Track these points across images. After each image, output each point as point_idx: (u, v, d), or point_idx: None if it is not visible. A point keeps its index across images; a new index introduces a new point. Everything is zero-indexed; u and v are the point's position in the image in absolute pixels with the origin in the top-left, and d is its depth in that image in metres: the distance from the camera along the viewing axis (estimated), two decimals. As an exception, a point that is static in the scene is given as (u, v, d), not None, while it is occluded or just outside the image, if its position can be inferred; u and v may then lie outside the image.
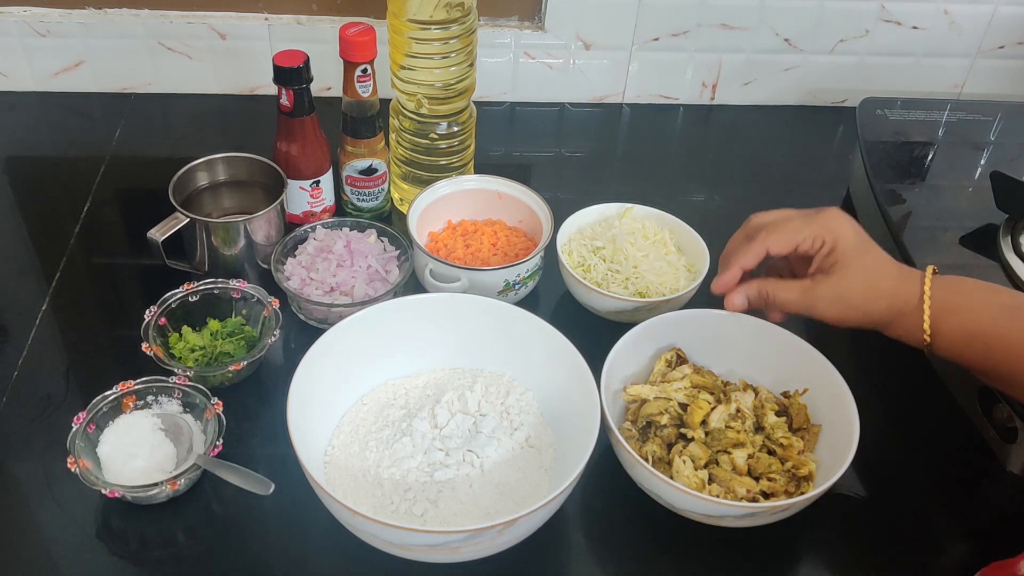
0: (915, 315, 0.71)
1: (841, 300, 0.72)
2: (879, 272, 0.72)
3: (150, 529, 0.73)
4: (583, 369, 0.75)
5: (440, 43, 0.91)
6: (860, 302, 0.72)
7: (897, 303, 0.72)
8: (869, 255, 0.73)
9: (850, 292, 0.72)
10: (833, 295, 0.72)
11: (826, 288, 0.73)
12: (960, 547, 0.77)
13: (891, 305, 0.72)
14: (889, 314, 0.72)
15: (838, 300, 0.72)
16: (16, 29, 1.12)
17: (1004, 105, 1.10)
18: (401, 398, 0.81)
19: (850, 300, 0.72)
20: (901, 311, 0.72)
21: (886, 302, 0.72)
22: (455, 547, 0.66)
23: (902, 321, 0.72)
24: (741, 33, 1.18)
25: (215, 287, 0.87)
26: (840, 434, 0.75)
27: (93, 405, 0.76)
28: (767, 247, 0.75)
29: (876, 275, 0.72)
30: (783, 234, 0.74)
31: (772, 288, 0.75)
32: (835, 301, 0.73)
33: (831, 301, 0.73)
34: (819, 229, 0.73)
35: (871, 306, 0.72)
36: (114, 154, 1.11)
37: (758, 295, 0.76)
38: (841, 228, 0.73)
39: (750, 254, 0.75)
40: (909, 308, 0.71)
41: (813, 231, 0.73)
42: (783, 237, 0.74)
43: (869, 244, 0.74)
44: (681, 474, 0.74)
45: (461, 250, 0.94)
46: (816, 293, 0.73)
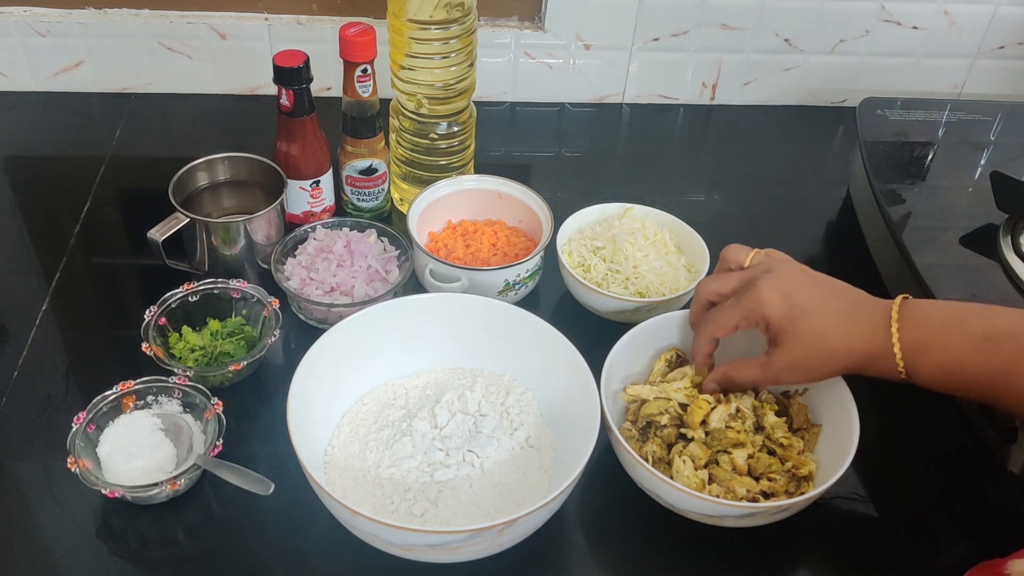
0: (885, 359, 0.70)
1: (798, 367, 0.72)
2: (822, 333, 0.71)
3: (150, 529, 0.73)
4: (583, 369, 0.75)
5: (440, 43, 0.91)
6: (817, 364, 0.72)
7: (858, 353, 0.70)
8: (803, 320, 0.71)
9: (803, 359, 0.72)
10: (788, 365, 0.72)
11: (780, 360, 0.72)
12: (960, 547, 0.77)
13: (853, 356, 0.71)
14: (857, 363, 0.71)
15: (795, 368, 0.72)
16: (16, 29, 1.12)
17: (1004, 105, 1.10)
18: (401, 398, 0.81)
19: (806, 366, 0.72)
20: (870, 357, 0.70)
21: (844, 357, 0.71)
22: (455, 547, 0.66)
23: (875, 366, 0.70)
24: (741, 33, 1.18)
25: (215, 287, 0.87)
26: (840, 434, 0.75)
27: (93, 405, 0.76)
28: (714, 337, 0.77)
29: (819, 337, 0.71)
30: (717, 325, 0.75)
31: (735, 372, 0.76)
32: (793, 370, 0.73)
33: (789, 371, 0.73)
34: (746, 311, 0.73)
35: (830, 365, 0.72)
36: (114, 154, 1.11)
37: (724, 379, 0.77)
38: (767, 304, 0.72)
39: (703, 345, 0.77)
40: (878, 352, 0.70)
41: (742, 314, 0.73)
42: (719, 327, 0.75)
43: (803, 307, 0.71)
44: (681, 474, 0.74)
45: (461, 250, 0.94)
46: (773, 368, 0.73)
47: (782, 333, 0.72)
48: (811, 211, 1.10)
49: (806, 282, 0.73)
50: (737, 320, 0.74)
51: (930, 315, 0.69)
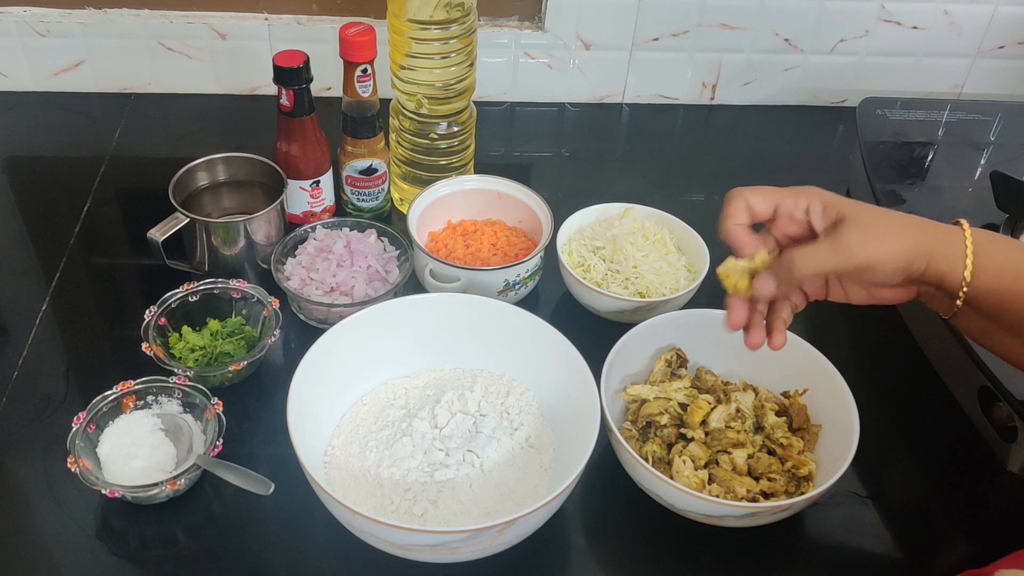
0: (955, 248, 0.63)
1: (873, 234, 0.63)
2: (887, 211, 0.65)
3: (150, 529, 0.73)
4: (583, 369, 0.75)
5: (440, 43, 0.91)
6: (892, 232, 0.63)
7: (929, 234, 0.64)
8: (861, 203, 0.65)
9: (876, 226, 0.63)
10: (862, 233, 0.63)
11: (852, 230, 0.63)
12: (960, 547, 0.77)
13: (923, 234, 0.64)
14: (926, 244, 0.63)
15: (870, 236, 0.63)
16: (16, 29, 1.12)
17: (1004, 105, 1.10)
18: (401, 398, 0.81)
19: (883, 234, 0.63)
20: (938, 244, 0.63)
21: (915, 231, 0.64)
22: (455, 547, 0.66)
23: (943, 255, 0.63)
24: (741, 33, 1.18)
25: (215, 287, 0.87)
26: (840, 434, 0.75)
27: (93, 405, 0.76)
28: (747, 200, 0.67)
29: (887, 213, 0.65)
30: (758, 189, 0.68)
31: (799, 260, 0.64)
32: (868, 238, 0.63)
33: (865, 238, 0.63)
34: (800, 193, 0.66)
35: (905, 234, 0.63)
36: (114, 154, 1.11)
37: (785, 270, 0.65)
38: (819, 191, 0.66)
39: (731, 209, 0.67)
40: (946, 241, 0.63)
41: (793, 193, 0.66)
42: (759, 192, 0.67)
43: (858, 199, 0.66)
44: (681, 474, 0.74)
45: (461, 250, 0.94)
46: (844, 236, 0.63)
47: (848, 208, 0.64)
48: (811, 211, 1.10)
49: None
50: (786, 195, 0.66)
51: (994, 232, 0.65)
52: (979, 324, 0.66)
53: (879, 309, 0.71)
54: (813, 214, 0.66)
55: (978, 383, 0.80)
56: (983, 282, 0.63)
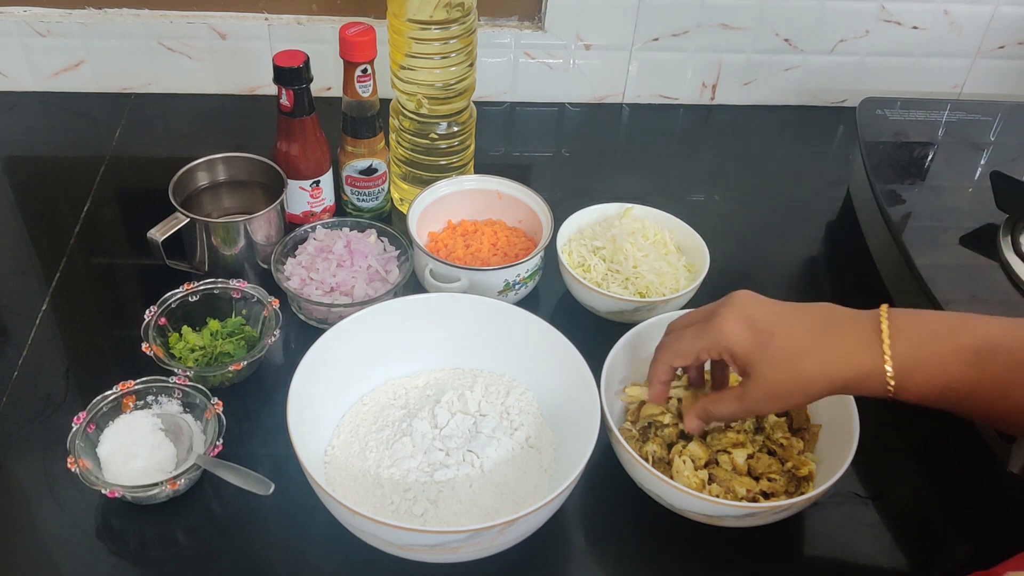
0: (873, 378, 0.65)
1: (776, 396, 0.67)
2: (795, 354, 0.66)
3: (150, 529, 0.73)
4: (583, 369, 0.75)
5: (440, 43, 0.91)
6: (795, 390, 0.67)
7: (839, 373, 0.65)
8: (771, 345, 0.66)
9: (779, 387, 0.67)
10: (764, 395, 0.67)
11: (755, 391, 0.68)
12: (960, 547, 0.77)
13: (833, 377, 0.66)
14: (840, 384, 0.66)
15: (772, 397, 0.67)
16: (16, 29, 1.12)
17: (1004, 105, 1.10)
18: (401, 398, 0.81)
19: (784, 393, 0.67)
20: (855, 376, 0.65)
21: (823, 379, 0.66)
22: (455, 547, 0.66)
23: (860, 385, 0.66)
24: (741, 33, 1.18)
25: (215, 287, 0.87)
26: (840, 434, 0.75)
27: (93, 405, 0.76)
28: (671, 364, 0.72)
29: (793, 359, 0.66)
30: (679, 352, 0.71)
31: (711, 406, 0.71)
32: (770, 399, 0.68)
33: (766, 400, 0.68)
34: (708, 341, 0.69)
35: (810, 388, 0.66)
36: (114, 154, 1.11)
37: (703, 414, 0.72)
38: (729, 333, 0.68)
39: (659, 370, 0.73)
40: (864, 371, 0.65)
41: (703, 344, 0.69)
42: (680, 355, 0.71)
43: (768, 331, 0.67)
44: (681, 474, 0.74)
45: (461, 250, 0.94)
46: (749, 399, 0.68)
47: (751, 363, 0.67)
48: (811, 211, 1.10)
49: (767, 305, 0.69)
50: (698, 350, 0.69)
51: (918, 328, 0.65)
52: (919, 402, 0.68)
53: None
54: (728, 362, 0.70)
55: (978, 383, 0.80)
56: (909, 396, 0.66)
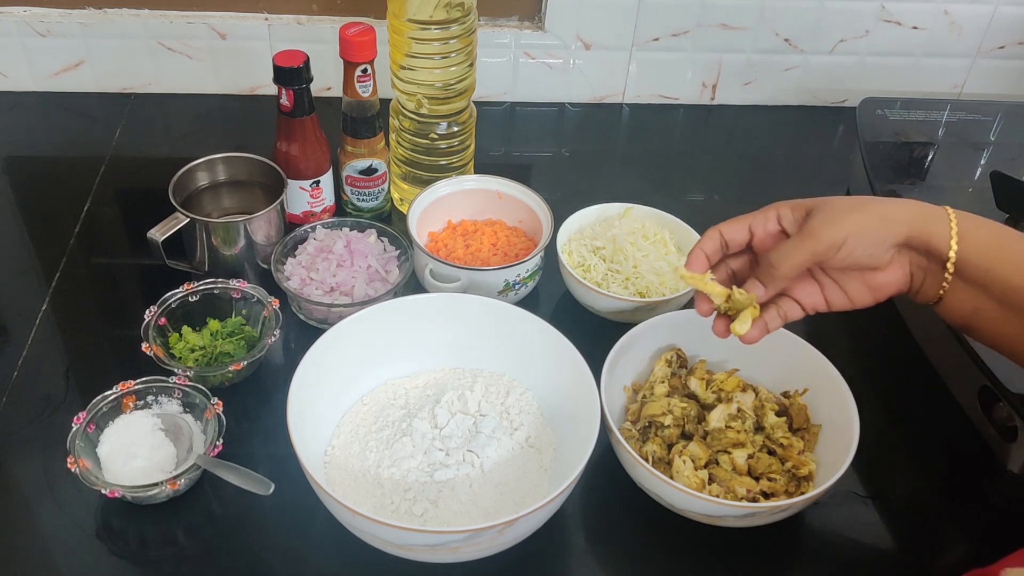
0: (938, 217, 0.63)
1: (839, 214, 0.64)
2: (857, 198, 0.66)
3: (150, 529, 0.73)
4: (583, 369, 0.75)
5: (440, 43, 0.91)
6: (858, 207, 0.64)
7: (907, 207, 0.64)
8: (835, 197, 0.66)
9: (839, 208, 0.64)
10: (827, 216, 0.64)
11: (815, 218, 0.64)
12: (960, 547, 0.77)
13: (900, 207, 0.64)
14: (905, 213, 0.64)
15: (836, 216, 0.64)
16: (16, 29, 1.12)
17: (1004, 105, 1.10)
18: (401, 398, 0.81)
19: (848, 209, 0.64)
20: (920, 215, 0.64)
21: (890, 204, 0.64)
22: (455, 547, 0.66)
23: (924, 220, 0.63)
24: (741, 33, 1.18)
25: (215, 287, 0.87)
26: (840, 434, 0.75)
27: (93, 405, 0.76)
28: (719, 231, 0.69)
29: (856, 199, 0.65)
30: (732, 220, 0.69)
31: (774, 255, 0.66)
32: (834, 219, 0.64)
33: (830, 220, 0.64)
34: (765, 209, 0.68)
35: (875, 205, 0.64)
36: (114, 154, 1.11)
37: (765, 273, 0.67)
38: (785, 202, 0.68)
39: (705, 239, 0.70)
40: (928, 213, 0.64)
41: (760, 212, 0.68)
42: (732, 221, 0.69)
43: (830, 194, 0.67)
44: (681, 474, 0.74)
45: (461, 250, 0.94)
46: (811, 225, 0.64)
47: (811, 202, 0.65)
48: (811, 211, 1.10)
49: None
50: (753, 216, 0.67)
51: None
52: (969, 302, 0.65)
53: (879, 309, 0.71)
54: (784, 220, 0.67)
55: (978, 383, 0.80)
56: (970, 248, 0.63)
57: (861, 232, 0.63)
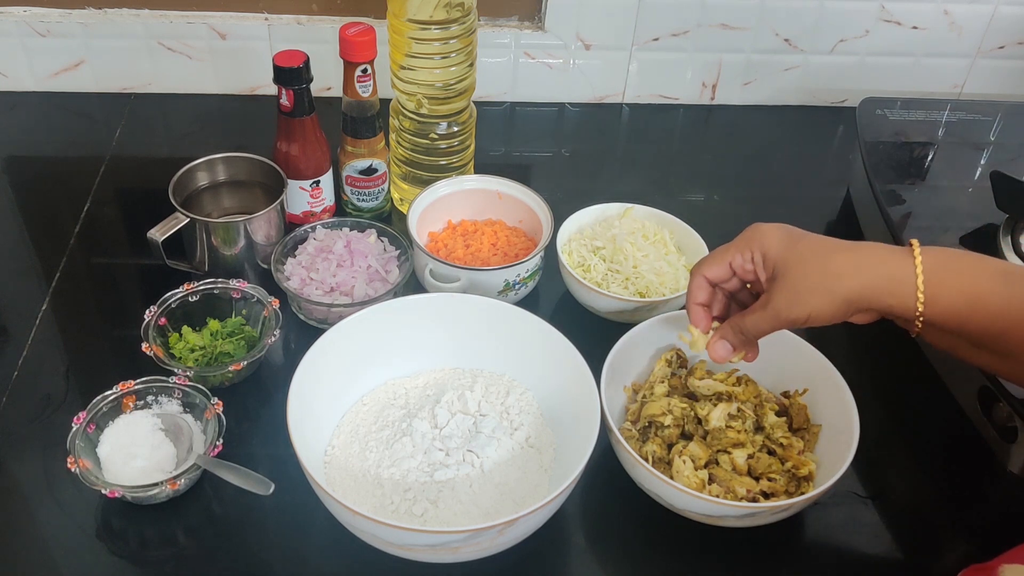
0: (903, 284, 0.64)
1: (800, 295, 0.66)
2: (824, 251, 0.66)
3: (150, 529, 0.73)
4: (583, 369, 0.75)
5: (440, 43, 0.91)
6: (822, 287, 0.65)
7: (870, 274, 0.65)
8: (802, 243, 0.67)
9: (804, 283, 0.65)
10: (790, 295, 0.66)
11: (780, 292, 0.67)
12: (960, 547, 0.77)
13: (863, 278, 0.65)
14: (869, 287, 0.65)
15: (797, 297, 0.66)
16: (16, 29, 1.12)
17: (1004, 105, 1.10)
18: (401, 398, 0.81)
19: (810, 290, 0.65)
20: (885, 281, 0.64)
21: (852, 277, 0.65)
22: (455, 547, 0.66)
23: (890, 293, 0.64)
24: (741, 33, 1.18)
25: (215, 287, 0.87)
26: (840, 434, 0.75)
27: (93, 405, 0.76)
28: (704, 276, 0.72)
29: (822, 255, 0.66)
30: (712, 259, 0.72)
31: (739, 319, 0.71)
32: (795, 300, 0.66)
33: (792, 301, 0.66)
34: (742, 244, 0.70)
35: (837, 285, 0.65)
36: (114, 154, 1.11)
37: (732, 333, 0.72)
38: (763, 234, 0.69)
39: (694, 290, 0.73)
40: (894, 276, 0.64)
41: (737, 248, 0.70)
42: (713, 262, 0.72)
43: (800, 234, 0.68)
44: (681, 474, 0.74)
45: (461, 250, 0.94)
46: (775, 302, 0.67)
47: (780, 262, 0.67)
48: (811, 211, 1.10)
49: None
50: (731, 253, 0.70)
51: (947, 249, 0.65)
52: (945, 341, 0.68)
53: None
54: (756, 265, 0.70)
55: (978, 383, 0.80)
56: (939, 309, 0.64)
57: (820, 314, 0.66)
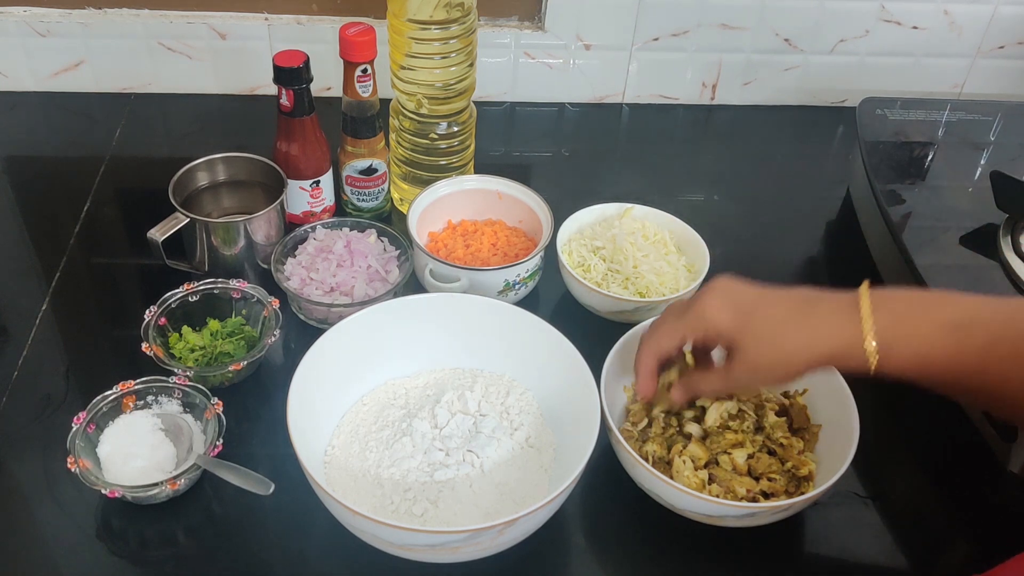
0: (853, 352, 0.65)
1: (758, 373, 0.68)
2: (776, 333, 0.67)
3: (150, 529, 0.73)
4: (583, 369, 0.75)
5: (440, 43, 0.91)
6: (777, 366, 0.67)
7: (821, 349, 0.66)
8: (753, 322, 0.67)
9: (761, 362, 0.67)
10: (748, 373, 0.68)
11: (738, 367, 0.68)
12: (960, 547, 0.77)
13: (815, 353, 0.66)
14: (822, 359, 0.67)
15: (754, 372, 0.68)
16: (16, 29, 1.12)
17: (1004, 105, 1.10)
18: (401, 398, 0.81)
19: (766, 369, 0.68)
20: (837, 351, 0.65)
21: (804, 355, 0.66)
22: (455, 547, 0.66)
23: (842, 360, 0.66)
24: (741, 33, 1.18)
25: (215, 287, 0.87)
26: (840, 434, 0.75)
27: (93, 405, 0.76)
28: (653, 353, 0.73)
29: (774, 338, 0.67)
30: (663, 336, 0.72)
31: (696, 382, 0.73)
32: (753, 376, 0.69)
33: (750, 378, 0.69)
34: (692, 323, 0.70)
35: (791, 366, 0.67)
36: (114, 154, 1.11)
37: (684, 393, 0.73)
38: (712, 313, 0.69)
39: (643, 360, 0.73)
40: (845, 345, 0.65)
41: (687, 326, 0.70)
42: (664, 338, 0.72)
43: (750, 304, 0.68)
44: (681, 474, 0.74)
45: (461, 250, 0.94)
46: (733, 375, 0.69)
47: (734, 340, 0.68)
48: (811, 211, 1.10)
49: (749, 286, 0.70)
50: (683, 332, 0.71)
51: (898, 303, 0.65)
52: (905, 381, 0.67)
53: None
54: (711, 342, 0.71)
55: (978, 383, 0.80)
56: (891, 367, 0.65)
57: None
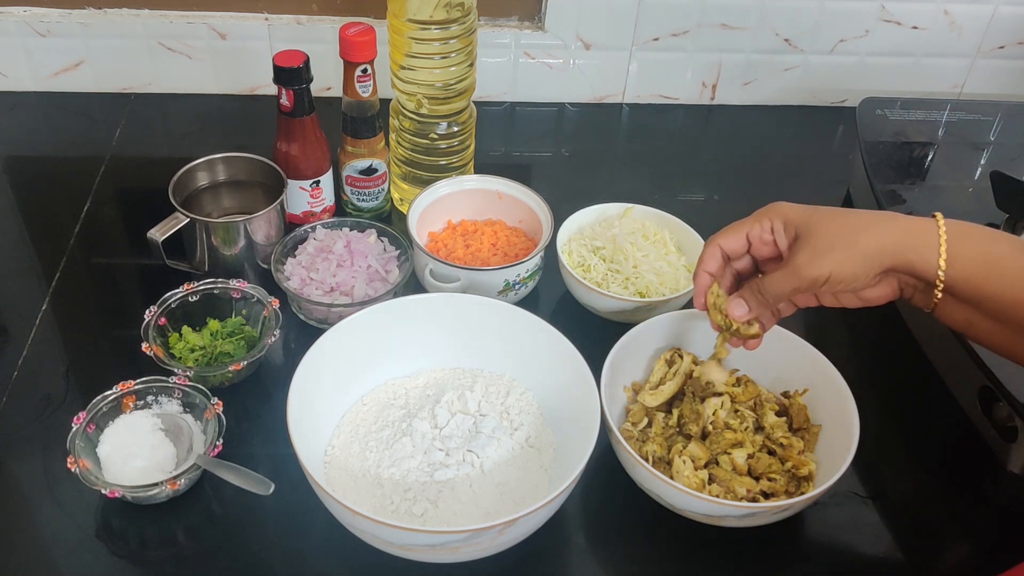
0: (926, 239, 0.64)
1: (821, 250, 0.66)
2: (847, 211, 0.67)
3: (150, 529, 0.73)
4: (583, 369, 0.75)
5: (440, 43, 0.91)
6: (844, 240, 0.66)
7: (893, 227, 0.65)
8: (823, 208, 0.68)
9: (825, 238, 0.66)
10: (811, 251, 0.66)
11: (802, 249, 0.67)
12: (960, 547, 0.77)
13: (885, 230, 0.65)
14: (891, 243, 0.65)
15: (818, 252, 0.66)
16: (16, 29, 1.12)
17: (1004, 105, 1.10)
18: (401, 398, 0.81)
19: (831, 245, 0.66)
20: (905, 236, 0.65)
21: (875, 229, 0.65)
22: (455, 547, 0.66)
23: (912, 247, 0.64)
24: (741, 33, 1.18)
25: (215, 287, 0.87)
26: (840, 434, 0.75)
27: (93, 405, 0.76)
28: (719, 245, 0.72)
29: (845, 213, 0.67)
30: (729, 230, 0.72)
31: (758, 280, 0.71)
32: (816, 255, 0.66)
33: (813, 257, 0.66)
34: (761, 215, 0.70)
35: (859, 238, 0.65)
36: (114, 154, 1.11)
37: (751, 293, 0.72)
38: (783, 205, 0.70)
39: (706, 258, 0.73)
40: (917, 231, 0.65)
41: (755, 219, 0.71)
42: (730, 232, 0.72)
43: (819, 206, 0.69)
44: (681, 474, 0.74)
45: (461, 250, 0.94)
46: (796, 259, 0.67)
47: (802, 225, 0.67)
48: (811, 211, 1.10)
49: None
50: (751, 223, 0.70)
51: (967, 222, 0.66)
52: (961, 314, 0.67)
53: (879, 309, 0.71)
54: (776, 234, 0.70)
55: (978, 383, 0.80)
56: (958, 271, 0.64)
57: (841, 270, 0.66)
